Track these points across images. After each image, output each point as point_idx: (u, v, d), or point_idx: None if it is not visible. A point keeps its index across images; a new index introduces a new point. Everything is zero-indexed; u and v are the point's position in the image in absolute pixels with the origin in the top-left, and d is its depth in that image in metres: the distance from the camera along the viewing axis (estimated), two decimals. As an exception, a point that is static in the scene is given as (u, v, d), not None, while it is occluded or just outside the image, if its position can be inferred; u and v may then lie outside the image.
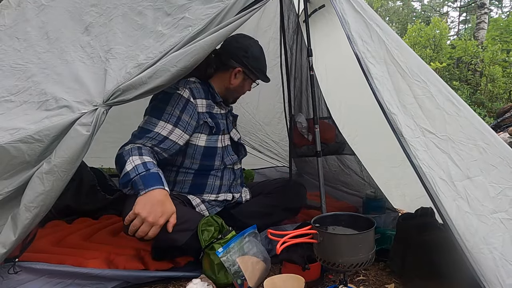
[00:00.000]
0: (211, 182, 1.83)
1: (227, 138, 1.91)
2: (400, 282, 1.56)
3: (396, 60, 1.32)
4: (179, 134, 1.67)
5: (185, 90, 1.70)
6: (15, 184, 1.26)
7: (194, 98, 1.71)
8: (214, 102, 1.84)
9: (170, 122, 1.64)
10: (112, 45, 1.39)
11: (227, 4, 1.35)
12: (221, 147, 1.84)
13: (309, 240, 1.29)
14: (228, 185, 1.90)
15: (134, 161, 1.50)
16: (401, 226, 1.64)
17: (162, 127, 1.63)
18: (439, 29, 9.27)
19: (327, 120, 2.34)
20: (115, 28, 1.42)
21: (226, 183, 1.88)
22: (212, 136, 1.80)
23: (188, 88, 1.72)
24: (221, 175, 1.85)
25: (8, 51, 1.43)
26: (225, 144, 1.88)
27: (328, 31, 2.41)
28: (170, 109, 1.65)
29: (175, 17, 1.38)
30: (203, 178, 1.81)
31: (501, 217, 1.18)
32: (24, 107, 1.32)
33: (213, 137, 1.80)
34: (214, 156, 1.81)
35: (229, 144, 1.92)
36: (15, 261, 1.36)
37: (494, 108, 7.10)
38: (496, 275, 1.10)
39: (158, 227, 1.41)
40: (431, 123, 1.27)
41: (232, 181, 1.91)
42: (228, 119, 1.94)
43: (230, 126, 1.96)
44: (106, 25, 1.42)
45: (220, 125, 1.83)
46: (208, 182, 1.82)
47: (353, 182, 2.38)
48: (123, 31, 1.41)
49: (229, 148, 1.91)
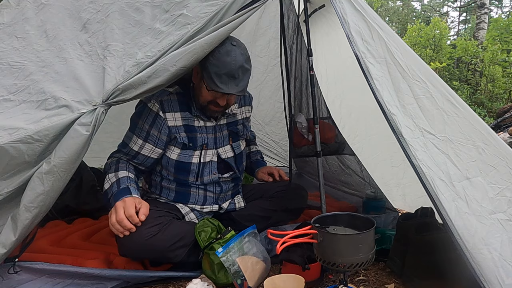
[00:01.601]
0: (195, 193, 1.77)
1: (211, 154, 1.75)
2: (400, 282, 1.56)
3: (396, 59, 1.32)
4: (150, 149, 1.67)
5: (154, 104, 1.61)
6: (15, 184, 1.26)
7: (163, 112, 1.63)
8: (192, 114, 1.69)
9: (140, 137, 1.66)
10: (109, 41, 1.38)
11: (226, 2, 1.34)
12: (196, 162, 1.71)
13: (309, 240, 1.29)
14: (215, 198, 1.81)
15: (110, 179, 1.60)
16: (401, 226, 1.64)
17: (134, 142, 1.66)
18: (439, 29, 9.26)
19: (327, 120, 2.34)
20: (112, 24, 1.40)
21: (212, 195, 1.80)
22: (186, 150, 1.69)
23: (159, 101, 1.61)
24: (204, 188, 1.77)
25: (7, 49, 1.42)
26: (206, 160, 1.74)
27: (328, 31, 2.41)
28: (141, 123, 1.65)
29: (173, 13, 1.37)
30: (186, 188, 1.76)
31: (500, 217, 1.18)
32: (23, 106, 1.32)
33: (187, 152, 1.70)
34: (188, 172, 1.71)
35: (214, 160, 1.76)
36: (15, 261, 1.36)
37: (494, 108, 7.10)
38: (495, 275, 1.10)
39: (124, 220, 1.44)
40: (431, 124, 1.27)
41: (220, 193, 1.82)
42: (218, 133, 1.78)
43: (221, 141, 1.79)
44: (103, 21, 1.41)
45: (198, 140, 1.70)
46: (191, 192, 1.76)
47: (353, 182, 2.38)
48: (120, 28, 1.40)
49: (211, 165, 1.75)
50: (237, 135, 1.88)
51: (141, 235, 1.46)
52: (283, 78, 2.78)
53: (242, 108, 1.93)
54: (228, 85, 1.52)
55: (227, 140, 1.82)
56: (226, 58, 1.48)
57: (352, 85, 2.35)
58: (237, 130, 1.87)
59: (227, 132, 1.82)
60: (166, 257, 1.55)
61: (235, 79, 1.52)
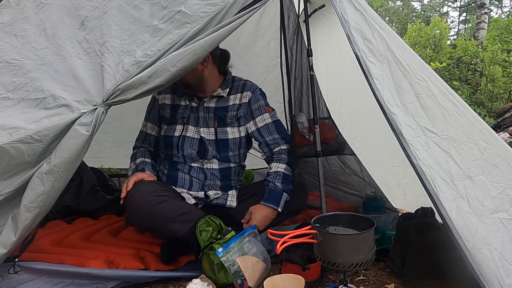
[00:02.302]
0: (181, 177, 1.86)
1: (193, 130, 1.86)
2: (400, 282, 1.56)
3: (398, 58, 1.32)
4: (150, 126, 1.98)
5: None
6: (15, 184, 1.26)
7: (159, 94, 1.95)
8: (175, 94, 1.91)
9: (145, 119, 2.01)
10: (107, 38, 1.38)
11: (227, 3, 1.34)
12: (178, 136, 1.86)
13: (309, 240, 1.29)
14: (201, 184, 1.86)
15: (131, 167, 1.91)
16: (401, 226, 1.64)
17: (143, 126, 2.00)
18: (439, 29, 9.26)
19: (327, 120, 2.34)
20: (109, 21, 1.40)
21: (197, 181, 1.86)
22: (171, 126, 1.90)
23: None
24: (187, 171, 1.86)
25: (5, 47, 1.42)
26: (187, 134, 1.86)
27: (328, 31, 2.41)
28: (147, 109, 2.01)
29: (171, 10, 1.37)
30: (174, 171, 1.88)
31: (502, 217, 1.18)
32: (22, 104, 1.32)
33: (171, 126, 1.89)
34: (171, 145, 1.88)
35: (195, 137, 1.86)
36: (15, 260, 1.36)
37: (494, 108, 7.09)
38: (495, 275, 1.10)
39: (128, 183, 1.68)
40: (432, 122, 1.27)
41: (205, 180, 1.87)
42: (202, 113, 1.88)
43: (204, 122, 1.87)
44: (101, 18, 1.41)
45: (178, 114, 1.89)
46: (179, 175, 1.87)
47: (354, 182, 2.38)
48: (118, 24, 1.40)
49: (192, 141, 1.85)
50: (224, 121, 1.89)
51: (150, 200, 1.60)
52: (283, 79, 2.79)
53: (237, 95, 1.93)
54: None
55: (212, 123, 1.88)
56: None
57: (352, 85, 2.35)
58: (225, 116, 1.89)
59: (213, 116, 1.89)
60: (170, 228, 1.60)
61: None
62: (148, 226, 1.70)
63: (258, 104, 1.94)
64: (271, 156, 1.95)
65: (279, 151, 1.93)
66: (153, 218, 1.60)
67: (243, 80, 2.00)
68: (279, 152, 1.93)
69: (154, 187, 1.69)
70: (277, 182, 1.82)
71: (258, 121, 1.94)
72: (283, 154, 1.92)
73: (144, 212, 1.60)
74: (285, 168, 1.87)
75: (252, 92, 1.95)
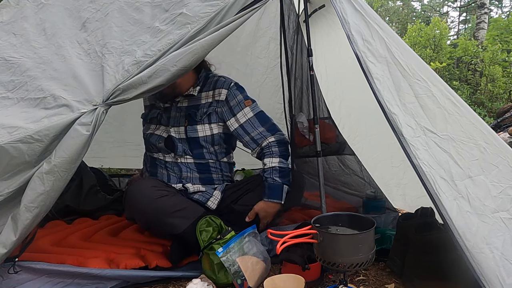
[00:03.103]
0: (160, 171, 1.92)
1: (162, 130, 1.91)
2: (400, 282, 1.56)
3: (397, 59, 1.32)
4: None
5: None
6: (15, 184, 1.26)
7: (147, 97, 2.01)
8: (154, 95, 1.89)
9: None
10: (108, 39, 1.39)
11: (227, 3, 1.34)
12: (148, 133, 1.96)
13: (309, 240, 1.29)
14: (178, 177, 1.87)
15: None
16: (401, 226, 1.64)
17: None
18: (439, 29, 9.25)
19: (328, 120, 2.34)
20: (110, 23, 1.41)
21: (174, 174, 1.88)
22: (147, 125, 2.00)
23: None
24: (164, 165, 1.91)
25: (4, 45, 1.43)
26: (156, 133, 1.93)
27: (328, 31, 2.41)
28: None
29: (173, 12, 1.37)
30: (153, 167, 1.95)
31: (503, 216, 1.18)
32: (21, 104, 1.32)
33: (148, 126, 2.00)
34: (147, 143, 1.99)
35: (163, 136, 1.90)
36: (15, 260, 1.36)
37: (494, 108, 7.09)
38: (496, 274, 1.10)
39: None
40: (432, 122, 1.27)
41: (181, 173, 1.87)
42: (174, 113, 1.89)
43: (175, 121, 1.88)
44: (102, 20, 1.42)
45: (151, 114, 1.97)
46: (158, 170, 1.93)
47: (353, 182, 2.37)
48: (119, 26, 1.40)
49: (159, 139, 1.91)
50: (193, 119, 1.86)
51: (150, 194, 1.63)
52: (283, 79, 2.79)
53: (209, 92, 1.88)
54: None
55: (182, 122, 1.87)
56: None
57: (351, 85, 2.35)
58: (194, 114, 1.86)
59: (184, 115, 1.88)
60: (170, 222, 1.62)
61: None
62: (148, 220, 1.70)
63: (237, 100, 1.85)
64: (261, 151, 1.86)
65: (268, 144, 1.84)
66: (152, 212, 1.62)
67: (217, 77, 1.93)
68: (268, 145, 1.84)
69: (155, 182, 1.74)
70: (275, 177, 1.78)
71: (239, 117, 1.85)
72: (273, 147, 1.83)
73: (144, 205, 1.63)
74: (279, 161, 1.80)
75: (227, 88, 1.86)
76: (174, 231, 1.63)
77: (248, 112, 1.85)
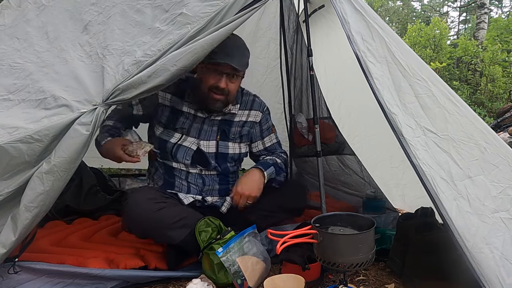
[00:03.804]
0: (179, 182, 1.83)
1: (191, 141, 1.80)
2: (400, 282, 1.56)
3: (397, 59, 1.32)
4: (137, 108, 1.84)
5: None
6: (15, 184, 1.26)
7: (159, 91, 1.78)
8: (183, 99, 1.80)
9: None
10: (109, 41, 1.39)
11: (227, 3, 1.34)
12: (174, 143, 1.79)
13: (309, 240, 1.29)
14: (199, 190, 1.83)
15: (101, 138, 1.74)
16: (401, 226, 1.64)
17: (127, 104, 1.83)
18: (439, 29, 9.26)
19: (327, 120, 2.34)
20: (112, 26, 1.41)
21: (195, 187, 1.83)
22: (168, 130, 1.81)
23: None
24: (185, 177, 1.82)
25: (8, 50, 1.43)
26: (183, 144, 1.80)
27: (328, 31, 2.41)
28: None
29: (173, 13, 1.37)
30: (171, 177, 1.83)
31: (503, 216, 1.18)
32: (22, 105, 1.32)
33: (169, 131, 1.81)
34: (165, 149, 1.81)
35: (192, 148, 1.80)
36: (15, 261, 1.36)
37: (494, 108, 7.09)
38: (496, 274, 1.10)
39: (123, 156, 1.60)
40: (432, 122, 1.27)
41: (203, 186, 1.84)
42: (206, 126, 1.82)
43: (206, 135, 1.82)
44: (105, 23, 1.42)
45: (178, 122, 1.80)
46: (176, 181, 1.83)
47: (353, 182, 2.38)
48: (121, 28, 1.40)
49: (187, 151, 1.80)
50: (226, 136, 1.86)
51: (149, 207, 1.56)
52: (283, 79, 2.79)
53: (245, 111, 1.91)
54: (226, 59, 1.62)
55: (214, 136, 1.84)
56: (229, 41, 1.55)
57: (351, 85, 2.35)
58: (228, 131, 1.86)
59: (217, 129, 1.84)
60: (169, 234, 1.58)
61: (233, 56, 1.64)
62: (147, 233, 1.66)
63: (268, 125, 2.02)
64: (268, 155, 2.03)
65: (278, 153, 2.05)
66: (151, 225, 1.57)
67: (252, 96, 1.96)
68: (278, 152, 2.05)
69: (153, 194, 1.65)
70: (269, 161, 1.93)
71: (266, 141, 2.02)
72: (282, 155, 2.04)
73: (143, 219, 1.57)
74: (280, 162, 1.97)
75: (262, 112, 1.98)
76: (173, 242, 1.60)
77: (273, 138, 2.06)
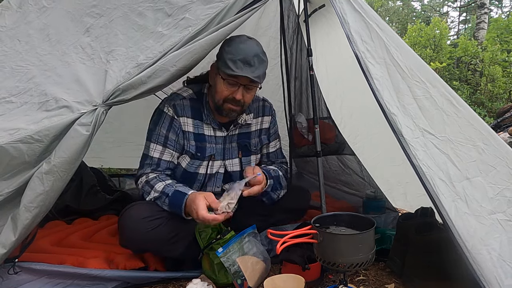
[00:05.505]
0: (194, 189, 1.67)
1: (218, 165, 1.71)
2: (400, 282, 1.56)
3: (396, 60, 1.32)
4: (171, 154, 1.65)
5: (169, 108, 1.62)
6: (15, 184, 1.26)
7: (177, 116, 1.62)
8: (203, 121, 1.67)
9: (158, 142, 1.62)
10: (113, 46, 1.39)
11: (227, 3, 1.35)
12: (203, 173, 1.69)
13: (309, 240, 1.29)
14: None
15: (152, 195, 1.56)
16: (401, 226, 1.64)
17: (153, 149, 1.63)
18: (439, 29, 9.25)
19: (327, 120, 2.34)
20: (115, 30, 1.41)
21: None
22: (195, 160, 1.67)
23: (172, 105, 1.62)
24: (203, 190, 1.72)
25: (10, 52, 1.43)
26: (213, 171, 1.71)
27: (328, 31, 2.41)
28: (158, 129, 1.63)
29: (176, 18, 1.38)
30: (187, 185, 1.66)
31: (499, 218, 1.18)
32: (24, 108, 1.32)
33: (195, 161, 1.67)
34: (194, 182, 1.69)
35: (220, 172, 1.73)
36: (15, 261, 1.36)
37: (494, 108, 7.09)
38: (494, 276, 1.10)
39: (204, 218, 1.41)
40: (430, 124, 1.27)
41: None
42: (228, 144, 1.73)
43: (229, 153, 1.74)
44: (107, 26, 1.42)
45: (207, 150, 1.67)
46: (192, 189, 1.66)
47: (353, 182, 2.38)
48: (124, 33, 1.40)
49: (217, 176, 1.72)
50: (248, 150, 1.79)
51: (143, 227, 1.48)
52: (283, 78, 2.79)
53: (258, 119, 1.83)
54: (243, 70, 1.48)
55: (236, 153, 1.76)
56: (241, 45, 1.50)
57: (352, 85, 2.35)
58: (249, 144, 1.78)
59: (236, 145, 1.76)
60: (167, 249, 1.56)
61: (250, 66, 1.49)
62: (145, 248, 1.60)
63: (275, 129, 1.93)
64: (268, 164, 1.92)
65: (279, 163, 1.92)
66: (150, 241, 1.52)
67: (261, 101, 1.86)
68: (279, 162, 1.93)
69: (147, 212, 1.53)
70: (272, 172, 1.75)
71: (271, 146, 1.92)
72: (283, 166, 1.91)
73: (138, 239, 1.50)
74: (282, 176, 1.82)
75: (271, 115, 1.89)
76: (171, 255, 1.59)
77: (277, 144, 1.96)
